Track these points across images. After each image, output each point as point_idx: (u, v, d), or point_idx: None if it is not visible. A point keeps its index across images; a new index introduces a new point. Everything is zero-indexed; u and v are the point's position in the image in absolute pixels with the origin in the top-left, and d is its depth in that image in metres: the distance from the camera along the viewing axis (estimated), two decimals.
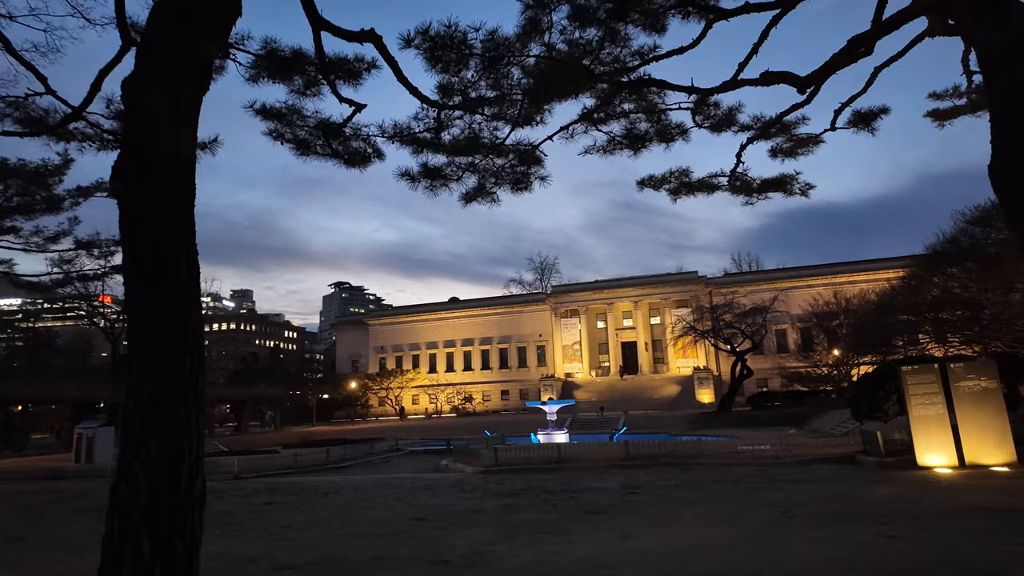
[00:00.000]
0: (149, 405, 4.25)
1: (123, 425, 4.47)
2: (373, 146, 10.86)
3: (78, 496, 19.38)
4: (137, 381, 4.32)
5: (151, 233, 4.41)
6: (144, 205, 4.45)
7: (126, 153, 4.60)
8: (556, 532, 9.99)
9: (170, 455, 4.21)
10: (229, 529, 12.48)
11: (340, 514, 13.42)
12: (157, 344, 4.34)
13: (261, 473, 21.97)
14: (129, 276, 4.45)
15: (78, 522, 14.72)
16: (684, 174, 14.06)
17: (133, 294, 4.44)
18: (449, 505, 13.65)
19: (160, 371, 4.32)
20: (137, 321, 4.40)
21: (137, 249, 4.42)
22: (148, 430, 4.19)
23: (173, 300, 4.42)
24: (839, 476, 14.48)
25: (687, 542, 8.88)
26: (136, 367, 4.34)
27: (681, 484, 14.67)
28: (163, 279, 4.40)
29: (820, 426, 42.07)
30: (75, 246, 21.33)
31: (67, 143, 10.93)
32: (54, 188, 21.65)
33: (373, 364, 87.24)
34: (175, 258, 4.48)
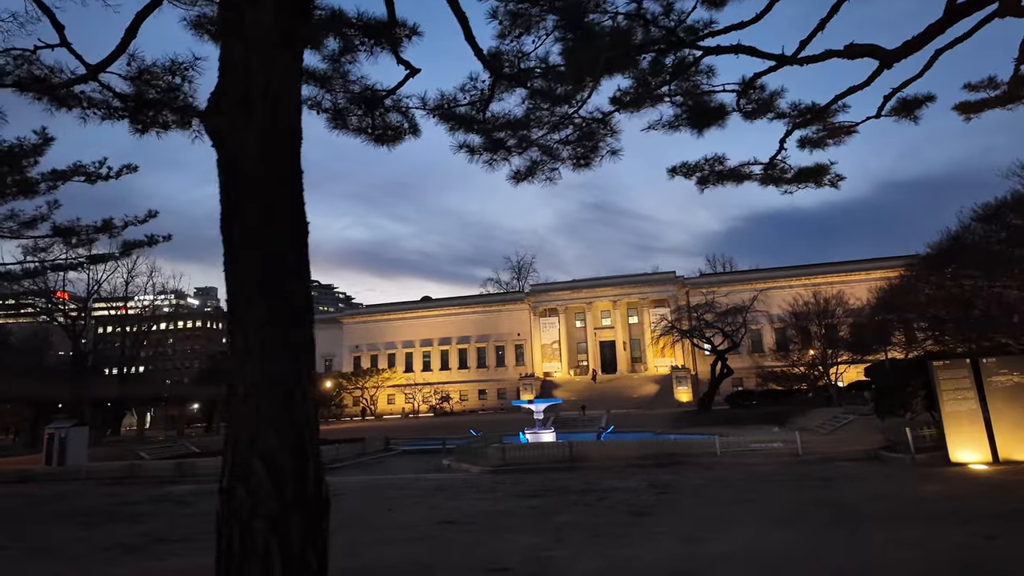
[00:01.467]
0: (263, 389, 3.45)
1: (229, 416, 3.66)
2: (411, 120, 10.07)
3: (54, 500, 18.04)
4: (244, 360, 3.51)
5: (258, 183, 3.60)
6: (247, 148, 3.64)
7: (226, 79, 3.77)
8: (610, 535, 9.33)
9: (292, 449, 3.43)
10: None
11: (358, 519, 12.55)
12: (266, 315, 3.53)
13: None
14: (230, 234, 3.63)
15: (63, 529, 13.55)
16: (719, 161, 13.53)
17: (235, 255, 3.62)
18: (472, 507, 12.89)
19: (272, 347, 3.52)
20: (241, 287, 3.58)
21: (241, 202, 3.60)
22: (265, 419, 3.39)
23: (282, 263, 3.63)
24: (871, 473, 14.15)
25: (759, 546, 8.31)
26: (242, 343, 3.53)
27: (708, 483, 14.17)
28: (272, 237, 3.60)
29: (805, 424, 42.31)
30: (52, 232, 19.87)
31: (68, 109, 9.80)
32: (28, 171, 20.17)
33: (347, 363, 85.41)
34: (284, 212, 3.69)
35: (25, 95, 9.06)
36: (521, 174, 9.25)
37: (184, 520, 13.56)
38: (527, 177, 9.28)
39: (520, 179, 9.31)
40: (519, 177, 9.30)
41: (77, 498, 18.40)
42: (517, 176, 9.30)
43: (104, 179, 21.84)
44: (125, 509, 15.57)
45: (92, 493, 19.38)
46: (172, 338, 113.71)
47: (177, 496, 17.61)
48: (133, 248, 22.48)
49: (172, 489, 19.45)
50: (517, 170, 9.26)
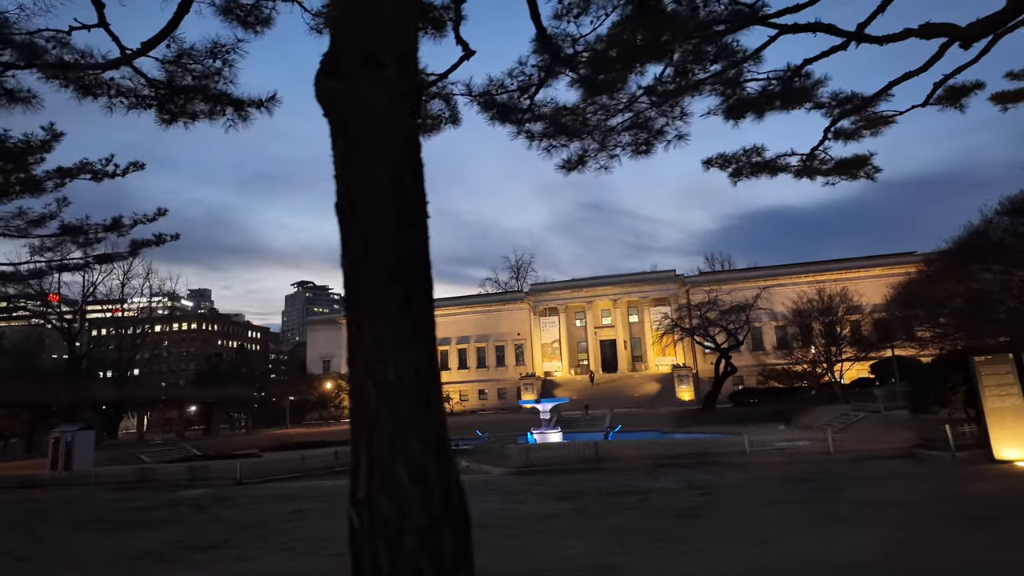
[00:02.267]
0: (399, 385, 3.03)
1: (356, 417, 3.24)
2: (453, 108, 9.68)
3: (66, 507, 17.53)
4: (377, 353, 3.09)
5: (387, 151, 3.18)
6: (374, 114, 3.21)
7: (347, 37, 3.34)
8: (670, 539, 8.95)
9: (436, 452, 3.02)
10: (273, 543, 11.08)
11: None
12: (401, 300, 3.11)
13: (267, 478, 20.36)
14: (354, 210, 3.20)
15: (80, 537, 13.07)
16: (757, 152, 13.19)
17: (361, 233, 3.20)
18: (507, 510, 12.49)
19: (407, 337, 3.10)
20: (369, 269, 3.16)
21: (368, 173, 3.18)
22: (403, 420, 2.97)
23: (414, 240, 3.21)
24: (914, 472, 13.86)
25: (838, 550, 7.94)
26: (372, 334, 3.10)
27: (747, 484, 13.84)
28: (403, 211, 3.18)
29: (811, 422, 42.14)
30: (60, 231, 19.29)
31: (94, 98, 9.31)
32: (34, 168, 19.62)
33: (346, 364, 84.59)
34: (412, 183, 3.27)
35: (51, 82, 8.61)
36: (572, 163, 8.87)
37: (210, 526, 13.10)
38: (578, 166, 8.90)
39: (571, 168, 8.93)
40: (570, 166, 8.92)
41: (89, 504, 17.88)
42: (568, 165, 8.92)
43: (111, 177, 21.31)
44: (143, 515, 15.09)
45: (103, 498, 18.86)
46: (167, 340, 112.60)
47: (193, 501, 17.12)
48: (141, 247, 21.95)
49: (185, 494, 18.95)
50: (568, 159, 8.88)
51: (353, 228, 3.32)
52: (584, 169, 8.85)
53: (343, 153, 3.40)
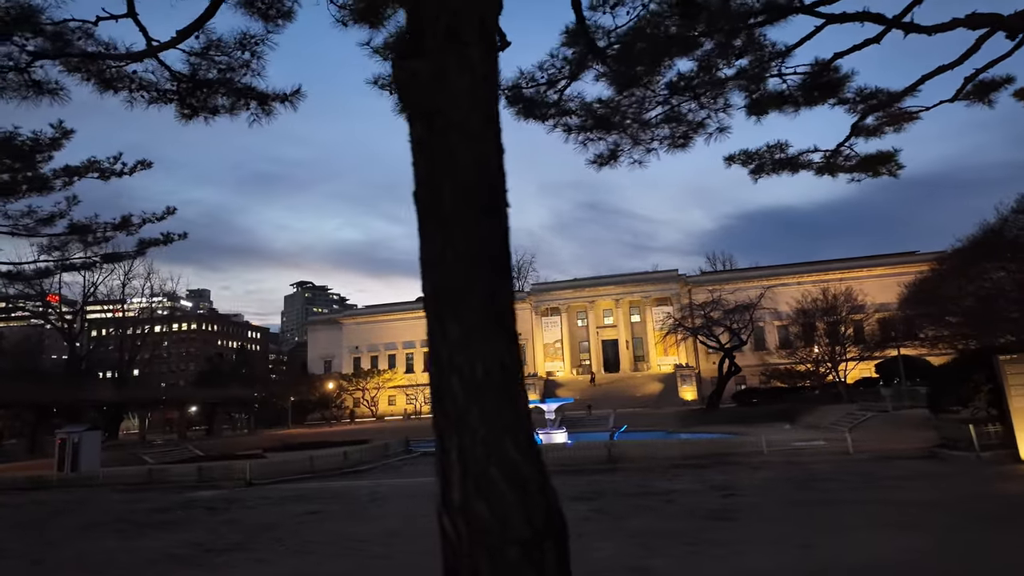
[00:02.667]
0: (487, 383, 2.86)
1: (444, 417, 3.07)
2: None
3: (76, 509, 17.32)
4: (461, 350, 2.91)
5: (472, 134, 3.01)
6: (458, 95, 3.05)
7: (429, 13, 3.17)
8: (702, 542, 8.79)
9: (529, 455, 2.85)
10: (291, 544, 10.92)
11: (410, 524, 11.95)
12: (487, 292, 2.94)
13: (276, 479, 20.14)
14: (437, 197, 3.03)
15: (94, 539, 12.87)
16: (781, 148, 13.03)
17: (443, 220, 3.03)
18: None
19: (493, 330, 2.93)
20: (454, 259, 2.99)
21: (453, 157, 3.01)
22: (493, 420, 2.81)
23: (499, 227, 3.04)
24: (940, 472, 13.70)
25: (887, 553, 7.78)
26: (456, 331, 2.93)
27: (771, 484, 13.68)
28: (489, 196, 3.01)
29: (816, 421, 42.01)
30: (68, 230, 19.09)
31: (114, 92, 9.11)
32: (42, 167, 19.42)
33: (347, 364, 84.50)
34: (497, 167, 3.10)
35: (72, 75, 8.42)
36: (604, 158, 8.70)
37: (225, 528, 12.91)
38: (610, 161, 8.73)
39: (603, 163, 8.76)
40: (602, 161, 8.75)
41: (100, 505, 17.69)
42: (600, 160, 8.75)
43: (118, 175, 21.13)
44: (156, 517, 14.90)
45: (113, 500, 18.66)
46: (167, 341, 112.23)
47: (205, 502, 16.93)
48: (149, 246, 21.76)
49: (196, 495, 18.76)
50: (600, 153, 8.71)
51: (435, 216, 3.14)
52: (616, 164, 8.68)
53: (423, 136, 3.21)
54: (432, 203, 3.16)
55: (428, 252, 3.28)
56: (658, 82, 8.45)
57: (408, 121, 3.45)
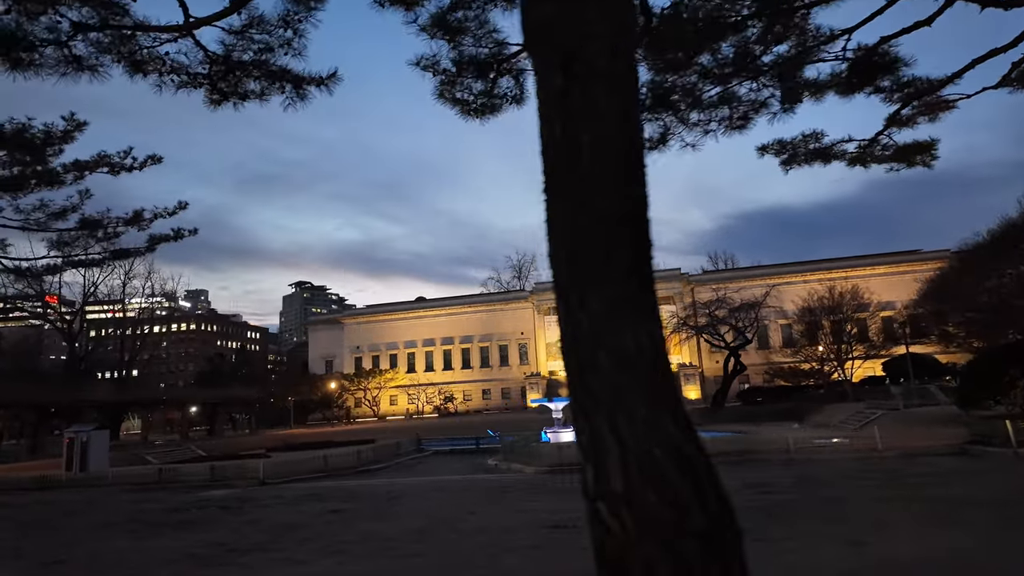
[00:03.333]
0: (639, 358, 2.56)
1: (588, 398, 2.76)
2: (521, 86, 9.23)
3: (88, 509, 16.97)
4: (607, 324, 2.61)
5: (614, 82, 2.71)
6: (597, 40, 2.74)
7: None
8: (754, 539, 8.48)
9: (691, 438, 2.54)
10: (320, 544, 10.59)
11: (439, 523, 11.64)
12: (628, 263, 2.64)
13: (290, 478, 19.82)
14: (573, 157, 2.72)
15: (110, 539, 12.54)
16: (816, 138, 12.76)
17: (578, 184, 2.73)
18: (570, 511, 12.01)
19: (637, 303, 2.62)
20: (592, 226, 2.68)
21: (592, 110, 2.70)
22: (651, 396, 2.51)
23: (640, 190, 2.73)
24: (977, 469, 13.45)
25: (937, 550, 7.51)
26: (600, 303, 2.61)
27: (804, 481, 13.41)
28: (630, 155, 2.71)
29: (825, 420, 41.74)
30: (79, 225, 18.71)
31: (144, 75, 8.78)
32: (52, 160, 19.04)
33: (348, 364, 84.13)
34: (638, 124, 2.80)
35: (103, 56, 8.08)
36: (652, 142, 8.40)
37: (247, 528, 12.59)
38: (659, 145, 8.43)
39: (651, 148, 8.46)
40: (651, 145, 8.45)
41: (113, 505, 17.35)
42: (648, 145, 8.45)
43: (128, 170, 20.77)
44: (172, 516, 14.57)
45: (126, 499, 18.32)
46: (166, 341, 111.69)
47: (220, 502, 16.60)
48: (159, 242, 21.35)
49: (209, 494, 18.43)
50: (649, 137, 8.41)
51: (571, 174, 2.82)
52: (666, 148, 8.38)
53: (562, 87, 2.87)
54: (568, 160, 2.83)
55: (561, 215, 2.93)
56: (686, 73, 8.18)
57: (538, 71, 3.11)
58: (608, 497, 2.54)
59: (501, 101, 9.41)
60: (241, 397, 65.93)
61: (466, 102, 9.45)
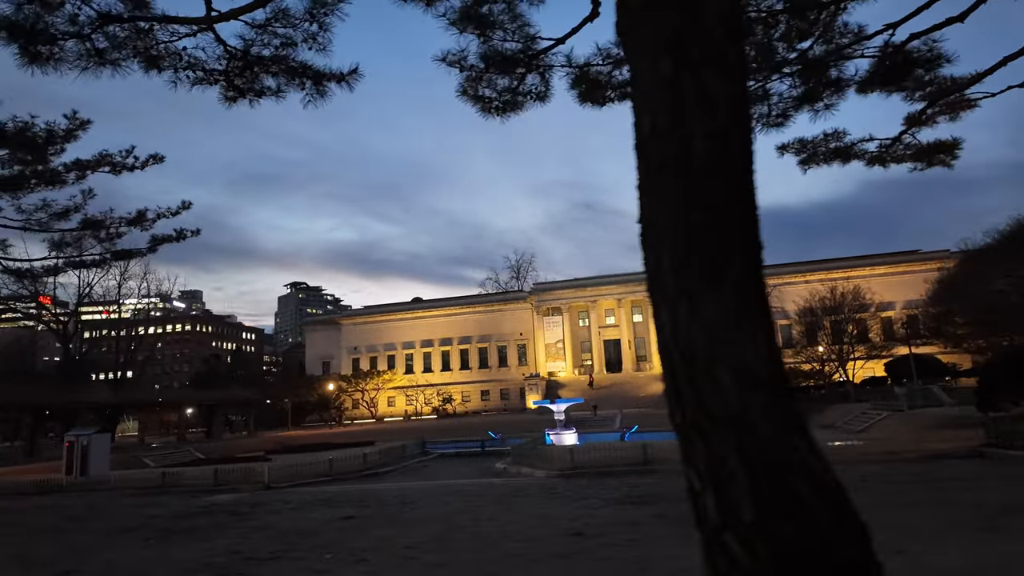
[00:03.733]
0: (762, 371, 2.31)
1: (703, 420, 2.52)
2: (547, 82, 9.00)
3: (93, 514, 16.63)
4: (724, 331, 2.37)
5: (727, 69, 2.46)
6: (707, 18, 2.49)
7: None
8: None
9: (819, 457, 2.30)
10: (340, 552, 10.33)
11: (455, 530, 11.39)
12: (745, 267, 2.39)
13: (295, 482, 19.52)
14: (681, 147, 2.47)
15: (123, 547, 12.23)
16: (837, 137, 12.60)
17: (683, 180, 2.48)
18: (585, 516, 11.77)
19: (755, 311, 2.38)
20: (707, 226, 2.44)
21: (702, 79, 2.45)
22: (777, 415, 2.26)
23: (751, 186, 2.48)
24: (1006, 473, 13.23)
25: (987, 557, 7.29)
26: (716, 310, 2.37)
27: None
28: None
29: (827, 421, 41.69)
30: (82, 226, 18.37)
31: (159, 71, 8.48)
32: (53, 160, 18.70)
33: (346, 365, 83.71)
34: (749, 118, 2.55)
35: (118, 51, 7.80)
36: None
37: (260, 535, 12.30)
38: None
39: None
40: None
41: (117, 511, 17.02)
42: None
43: (130, 170, 20.46)
44: (180, 523, 14.25)
45: (131, 504, 18.00)
46: (161, 342, 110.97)
47: (227, 507, 16.30)
48: (161, 243, 21.01)
49: (215, 499, 18.13)
50: None
51: (677, 169, 2.56)
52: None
53: (670, 74, 2.61)
54: (677, 155, 2.57)
55: (667, 216, 2.67)
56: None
57: (635, 57, 2.85)
58: (737, 528, 2.26)
59: (525, 98, 9.20)
60: (239, 399, 65.47)
61: (488, 99, 9.22)
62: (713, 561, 2.32)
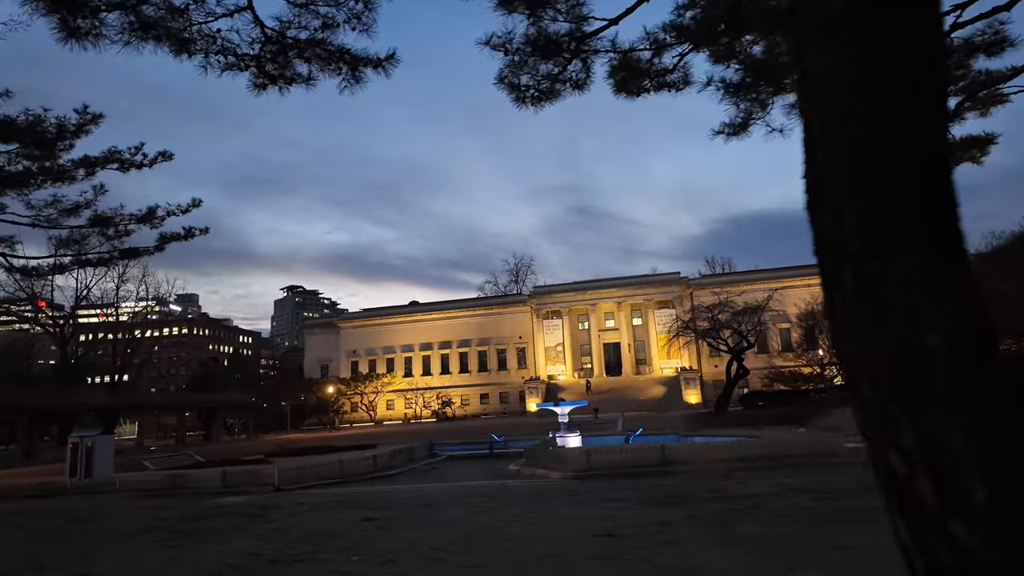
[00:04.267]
0: (981, 342, 2.11)
1: (899, 401, 2.32)
2: (588, 69, 8.80)
3: (101, 516, 16.28)
4: (932, 303, 2.16)
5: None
6: None
7: None
8: (844, 549, 8.04)
9: None
10: (365, 553, 10.05)
11: (482, 531, 11.12)
12: (945, 222, 2.19)
13: (305, 484, 19.20)
14: (854, 80, 2.26)
15: (135, 550, 11.91)
16: None
17: (866, 119, 2.27)
18: (612, 517, 11.52)
19: (961, 277, 2.17)
20: (898, 171, 2.23)
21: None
22: (991, 402, 2.05)
23: (942, 138, 2.27)
24: None
25: None
26: (916, 271, 2.18)
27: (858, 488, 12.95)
28: (932, 83, 2.26)
29: (832, 424, 41.24)
30: (91, 222, 18.06)
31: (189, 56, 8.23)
32: (62, 155, 18.41)
33: (345, 368, 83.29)
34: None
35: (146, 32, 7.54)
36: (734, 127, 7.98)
37: (277, 537, 12.00)
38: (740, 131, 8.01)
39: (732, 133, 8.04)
40: (730, 131, 8.03)
41: (125, 513, 16.67)
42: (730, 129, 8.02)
43: (138, 167, 20.18)
44: (192, 524, 13.94)
45: (139, 506, 17.65)
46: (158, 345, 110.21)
47: (239, 508, 15.98)
48: (169, 241, 20.71)
49: (225, 501, 17.81)
50: (729, 122, 7.99)
51: (860, 114, 2.33)
52: (746, 134, 7.96)
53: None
54: (866, 92, 2.34)
55: (850, 167, 2.45)
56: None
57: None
58: (966, 513, 2.00)
59: (564, 86, 8.98)
60: (238, 402, 65.00)
61: (524, 88, 9.01)
62: (932, 554, 2.04)
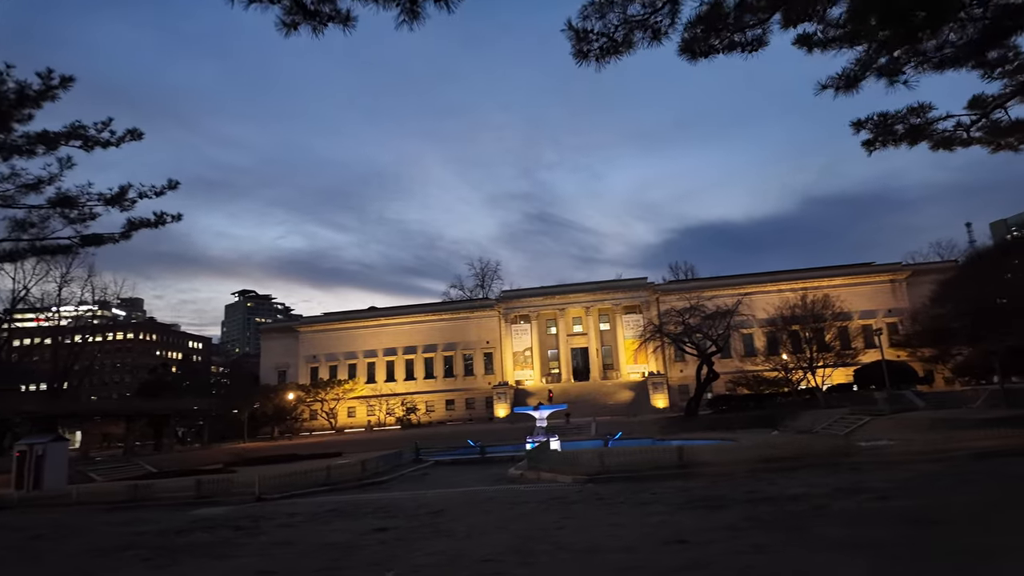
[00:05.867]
0: None
1: None
2: (676, 12, 7.91)
3: (64, 532, 14.40)
4: None
5: None
6: None
7: None
8: (963, 555, 7.24)
9: None
10: (398, 569, 8.78)
11: (530, 540, 9.96)
12: None
13: (289, 492, 17.57)
14: None
15: (116, 569, 10.32)
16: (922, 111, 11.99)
17: None
18: (665, 523, 10.53)
19: None
20: None
21: None
22: None
23: None
24: None
25: None
26: None
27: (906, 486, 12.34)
28: None
29: (802, 426, 41.76)
30: (54, 202, 16.12)
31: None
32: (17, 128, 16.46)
33: (304, 374, 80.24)
34: None
35: None
36: (848, 79, 7.14)
37: (281, 552, 10.60)
38: (852, 86, 7.17)
39: (842, 87, 7.20)
40: (842, 84, 7.19)
41: (93, 528, 14.84)
42: (838, 83, 7.18)
43: (103, 146, 18.24)
44: (177, 540, 12.33)
45: (104, 521, 15.77)
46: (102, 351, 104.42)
47: (224, 520, 14.38)
48: (138, 228, 18.63)
49: (205, 512, 16.13)
50: (841, 74, 7.15)
51: None
52: (856, 90, 7.13)
53: None
54: None
55: None
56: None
57: None
58: None
59: (644, 34, 8.04)
60: (190, 409, 61.64)
61: (595, 36, 8.09)
62: None
